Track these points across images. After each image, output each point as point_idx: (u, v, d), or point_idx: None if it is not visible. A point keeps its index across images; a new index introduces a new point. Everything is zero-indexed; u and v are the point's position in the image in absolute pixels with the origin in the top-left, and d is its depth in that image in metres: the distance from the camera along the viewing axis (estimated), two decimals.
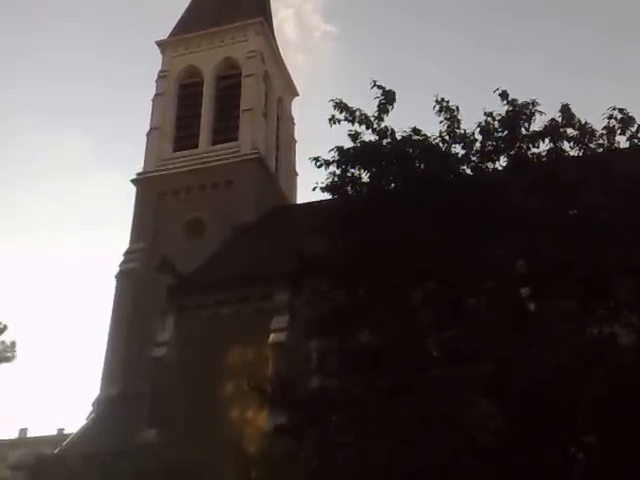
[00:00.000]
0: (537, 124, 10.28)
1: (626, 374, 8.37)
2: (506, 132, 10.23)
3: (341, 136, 10.64)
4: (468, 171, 10.35)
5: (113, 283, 24.74)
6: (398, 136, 10.39)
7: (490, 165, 10.40)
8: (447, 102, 10.42)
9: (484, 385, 8.63)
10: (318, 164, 10.53)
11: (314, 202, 18.55)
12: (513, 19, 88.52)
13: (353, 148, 10.46)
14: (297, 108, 32.72)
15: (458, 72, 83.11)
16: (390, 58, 78.81)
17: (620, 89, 71.77)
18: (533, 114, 10.21)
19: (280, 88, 31.14)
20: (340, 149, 10.43)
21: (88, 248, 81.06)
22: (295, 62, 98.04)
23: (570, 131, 10.10)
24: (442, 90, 10.65)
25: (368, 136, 10.54)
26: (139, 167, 27.23)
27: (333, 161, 10.44)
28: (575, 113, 10.15)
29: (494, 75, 78.78)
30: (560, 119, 10.11)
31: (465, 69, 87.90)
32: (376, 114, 10.52)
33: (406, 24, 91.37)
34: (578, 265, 8.90)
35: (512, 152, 10.27)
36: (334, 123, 10.59)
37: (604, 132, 10.01)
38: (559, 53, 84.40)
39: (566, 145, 10.19)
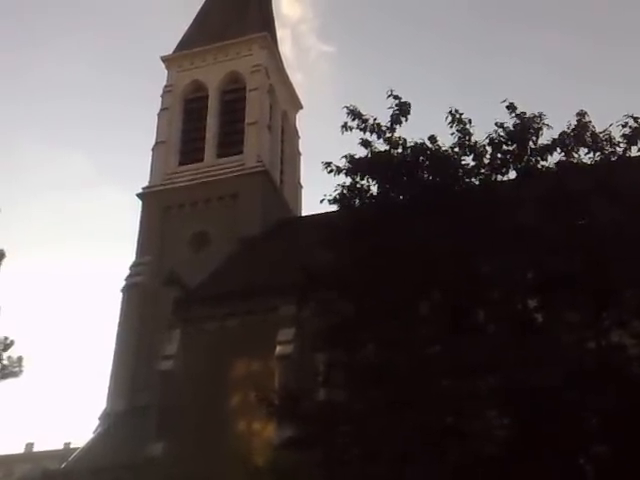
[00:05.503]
0: (544, 137, 10.26)
1: (634, 384, 8.36)
2: (514, 145, 10.20)
3: (344, 150, 10.62)
4: (477, 183, 10.31)
5: (119, 297, 24.85)
6: (410, 144, 10.35)
7: (499, 178, 10.37)
8: (461, 114, 10.38)
9: (491, 397, 8.61)
10: (329, 170, 10.51)
11: (319, 214, 18.59)
12: (511, 27, 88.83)
13: (364, 157, 10.46)
14: (299, 123, 32.88)
15: (457, 84, 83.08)
16: (388, 77, 78.66)
17: (620, 96, 71.84)
18: (541, 128, 10.15)
19: (284, 101, 31.30)
20: (351, 157, 10.43)
21: (93, 263, 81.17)
22: (293, 81, 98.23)
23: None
24: (442, 102, 10.69)
25: (380, 146, 10.51)
26: (142, 182, 27.48)
27: (344, 169, 10.44)
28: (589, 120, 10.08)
29: (494, 86, 78.82)
30: (577, 122, 10.01)
31: (464, 81, 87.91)
32: (388, 124, 10.48)
33: (403, 40, 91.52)
34: (585, 277, 8.89)
35: (520, 165, 10.24)
36: (346, 130, 10.57)
37: (621, 140, 9.90)
38: (558, 60, 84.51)
39: (578, 153, 10.14)
